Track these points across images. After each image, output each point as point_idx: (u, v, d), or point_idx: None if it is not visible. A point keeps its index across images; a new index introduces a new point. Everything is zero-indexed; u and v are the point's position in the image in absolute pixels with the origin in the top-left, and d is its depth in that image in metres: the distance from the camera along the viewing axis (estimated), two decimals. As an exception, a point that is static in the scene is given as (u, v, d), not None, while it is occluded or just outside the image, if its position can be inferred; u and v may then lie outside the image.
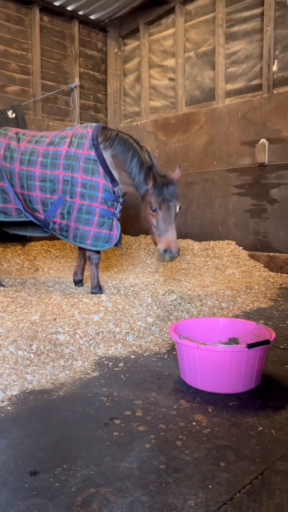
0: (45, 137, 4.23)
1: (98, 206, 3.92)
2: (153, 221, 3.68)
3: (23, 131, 4.45)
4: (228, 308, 3.96)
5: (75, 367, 2.58)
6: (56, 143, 4.10)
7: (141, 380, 2.44)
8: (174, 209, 3.65)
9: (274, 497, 1.47)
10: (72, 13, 7.11)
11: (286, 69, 5.59)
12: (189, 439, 1.83)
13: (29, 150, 4.13)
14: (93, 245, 3.99)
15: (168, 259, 3.58)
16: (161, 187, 3.61)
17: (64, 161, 3.99)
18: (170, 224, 3.61)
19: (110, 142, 3.90)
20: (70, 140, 4.06)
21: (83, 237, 3.99)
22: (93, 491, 1.49)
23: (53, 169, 4.03)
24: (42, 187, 4.05)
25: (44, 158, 4.06)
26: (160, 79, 7.21)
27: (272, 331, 2.44)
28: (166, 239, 3.60)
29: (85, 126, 4.13)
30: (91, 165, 3.92)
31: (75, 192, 3.96)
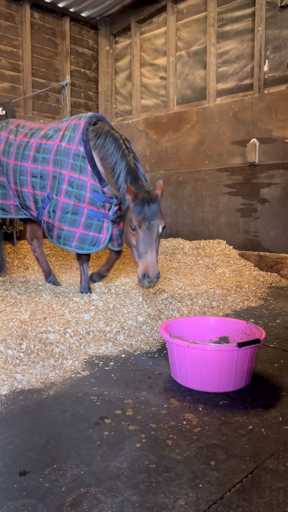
0: (41, 129, 4.04)
1: (86, 206, 3.69)
2: (132, 240, 3.26)
3: (25, 122, 4.29)
4: (218, 307, 3.97)
5: (65, 366, 2.56)
6: (49, 136, 3.91)
7: (132, 379, 2.44)
8: (155, 229, 3.21)
9: (264, 496, 1.47)
10: (63, 10, 7.06)
11: (277, 69, 5.62)
12: (180, 438, 1.83)
13: (24, 143, 3.98)
14: (78, 248, 3.77)
15: (147, 285, 3.14)
16: (142, 204, 3.18)
17: (55, 156, 3.79)
18: (150, 246, 3.18)
19: (100, 140, 3.59)
20: (63, 133, 3.83)
21: (68, 239, 3.76)
22: (83, 491, 1.49)
23: (44, 164, 3.84)
24: (33, 183, 3.89)
25: (37, 153, 3.89)
26: (152, 78, 7.20)
27: (262, 330, 2.45)
28: (145, 262, 3.17)
29: (79, 117, 3.86)
30: (80, 162, 3.67)
31: (60, 189, 3.73)
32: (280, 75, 5.59)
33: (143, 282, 3.14)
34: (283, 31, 5.51)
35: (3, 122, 4.30)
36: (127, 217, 3.31)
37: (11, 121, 4.34)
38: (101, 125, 3.67)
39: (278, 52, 5.58)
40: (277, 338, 3.18)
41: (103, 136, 3.57)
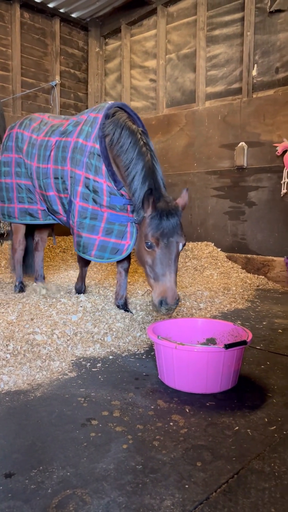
0: (62, 125, 3.68)
1: (105, 210, 3.27)
2: (147, 259, 2.79)
3: (48, 118, 3.93)
4: (206, 309, 3.99)
5: (52, 368, 2.55)
6: (68, 132, 3.53)
7: (119, 381, 2.44)
8: (175, 247, 2.74)
9: (250, 496, 1.48)
10: (53, 11, 7.05)
11: (265, 74, 5.68)
12: (166, 439, 1.83)
13: (44, 143, 3.66)
14: (98, 256, 3.32)
15: (164, 312, 2.66)
16: (160, 218, 2.73)
17: (72, 154, 3.42)
18: (169, 267, 2.71)
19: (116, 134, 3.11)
20: (81, 127, 3.42)
21: (87, 247, 3.34)
22: (69, 493, 1.48)
23: (63, 164, 3.49)
24: (57, 185, 3.56)
25: (56, 151, 3.54)
26: (141, 80, 7.22)
27: (249, 332, 2.47)
28: (162, 285, 2.69)
29: (98, 109, 3.39)
30: (95, 161, 3.25)
31: (76, 192, 3.36)
32: (268, 79, 5.65)
33: (160, 309, 2.67)
34: (271, 36, 5.58)
35: (26, 119, 4.02)
36: (141, 230, 2.89)
37: (34, 117, 4.01)
38: (118, 116, 3.20)
39: (267, 57, 5.64)
40: (263, 340, 3.21)
41: (119, 129, 3.11)
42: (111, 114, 3.23)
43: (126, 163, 3.05)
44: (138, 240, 2.99)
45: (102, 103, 3.43)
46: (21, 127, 3.97)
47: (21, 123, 4.03)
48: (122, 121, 3.13)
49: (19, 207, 3.97)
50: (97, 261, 3.37)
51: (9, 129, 4.11)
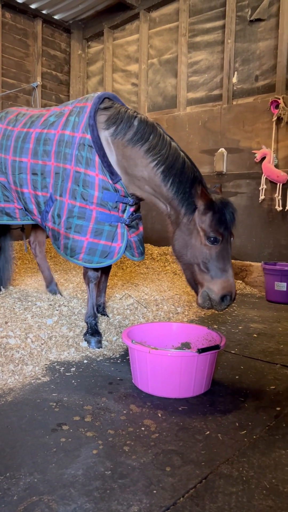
0: (43, 115, 3.39)
1: (94, 209, 2.96)
2: (206, 255, 2.65)
3: (26, 110, 3.69)
4: (183, 313, 4.01)
5: (25, 372, 2.52)
6: (50, 124, 3.23)
7: (93, 385, 2.42)
8: (231, 241, 2.77)
9: (217, 501, 1.49)
10: (36, 12, 7.01)
11: (245, 81, 5.75)
12: (137, 444, 1.83)
13: (22, 135, 3.35)
14: (86, 260, 2.98)
15: (224, 308, 2.67)
16: (223, 211, 2.65)
17: (57, 147, 3.12)
18: (229, 262, 2.69)
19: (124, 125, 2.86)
20: (66, 118, 3.14)
21: (74, 250, 3.00)
22: (35, 499, 1.46)
23: (45, 158, 3.17)
24: (34, 182, 3.24)
25: (37, 145, 3.23)
26: (123, 84, 7.23)
27: (222, 336, 2.49)
28: (226, 281, 2.63)
29: (86, 99, 3.15)
30: (85, 152, 2.94)
31: (65, 189, 3.04)
32: (248, 87, 5.73)
33: (221, 306, 2.65)
34: (251, 44, 5.66)
35: (3, 112, 3.76)
36: (191, 225, 2.71)
37: (10, 110, 3.76)
38: (118, 105, 3.00)
39: (247, 65, 5.72)
40: (238, 344, 3.24)
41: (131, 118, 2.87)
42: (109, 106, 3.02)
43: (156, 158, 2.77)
44: (185, 236, 2.75)
45: (90, 94, 3.20)
46: None
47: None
48: (132, 113, 2.92)
49: None
50: (86, 265, 3.01)
51: None
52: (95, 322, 3.10)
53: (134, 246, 3.30)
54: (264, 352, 3.08)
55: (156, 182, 2.81)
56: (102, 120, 2.94)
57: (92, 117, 2.93)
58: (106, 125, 2.91)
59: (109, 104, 3.01)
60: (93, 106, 2.97)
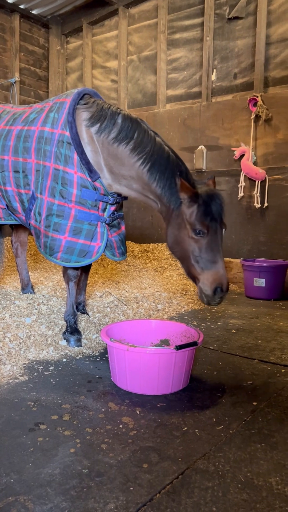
0: (25, 112, 3.34)
1: (73, 207, 2.91)
2: (195, 248, 2.65)
3: (10, 107, 3.59)
4: (163, 310, 4.03)
5: (3, 372, 2.50)
6: (31, 120, 3.18)
7: (71, 384, 2.42)
8: (221, 232, 2.71)
9: (193, 496, 1.51)
10: (13, 6, 6.90)
11: (224, 79, 5.79)
12: (115, 442, 1.84)
13: (4, 132, 3.30)
14: (64, 260, 2.95)
15: (217, 301, 2.63)
16: (209, 203, 2.62)
17: (37, 144, 3.06)
18: (219, 253, 2.65)
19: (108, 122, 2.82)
20: (46, 114, 3.09)
21: (53, 248, 2.96)
22: (11, 500, 1.46)
23: (25, 155, 3.12)
24: (16, 180, 3.19)
25: (17, 142, 3.18)
26: (103, 80, 7.19)
27: (200, 332, 2.51)
28: (216, 273, 2.60)
29: (65, 95, 3.09)
30: (64, 149, 2.90)
31: (45, 186, 3.00)
32: (227, 85, 5.77)
33: (214, 299, 2.61)
34: (230, 42, 5.69)
35: None
36: (179, 219, 2.72)
37: None
38: (100, 102, 2.95)
39: (226, 62, 5.76)
40: (217, 340, 3.27)
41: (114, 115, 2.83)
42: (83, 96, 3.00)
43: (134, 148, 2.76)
44: (174, 230, 2.78)
45: (70, 90, 3.16)
46: None
47: None
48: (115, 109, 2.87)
49: None
50: (64, 264, 2.97)
51: None
52: (74, 321, 3.09)
53: (115, 245, 3.25)
54: (242, 347, 3.12)
55: (145, 180, 2.80)
56: (85, 117, 2.89)
57: (71, 113, 2.88)
58: (90, 123, 2.86)
59: (90, 100, 2.96)
60: (72, 102, 2.92)
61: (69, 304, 3.14)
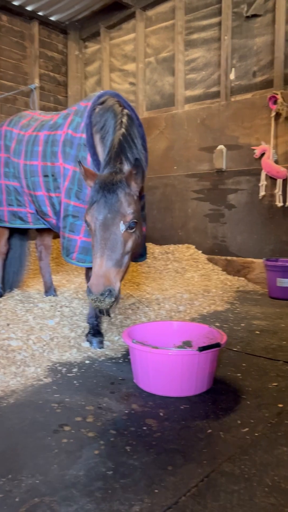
0: (53, 118, 3.42)
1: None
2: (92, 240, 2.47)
3: (39, 115, 3.71)
4: (185, 311, 4.00)
5: (27, 374, 2.52)
6: (58, 125, 3.25)
7: (94, 386, 2.42)
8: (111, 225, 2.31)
9: (219, 499, 1.49)
10: (32, 14, 7.01)
11: (243, 77, 5.74)
12: (139, 444, 1.83)
13: (32, 138, 3.39)
14: (79, 260, 2.95)
15: (93, 304, 2.25)
16: (96, 191, 2.38)
17: (62, 147, 3.13)
18: (99, 248, 2.30)
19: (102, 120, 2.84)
20: (72, 118, 3.15)
21: (69, 249, 2.99)
22: (37, 501, 1.46)
23: (54, 159, 3.18)
24: (46, 184, 3.24)
25: (45, 146, 3.25)
26: (121, 83, 7.22)
27: (223, 334, 2.48)
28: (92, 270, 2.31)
29: (89, 98, 3.10)
30: (81, 152, 2.97)
31: (62, 188, 3.08)
32: (246, 83, 5.71)
33: (89, 299, 2.25)
34: (248, 40, 5.64)
35: (16, 116, 3.81)
36: None
37: (24, 114, 3.81)
38: (108, 102, 2.92)
39: (244, 61, 5.70)
40: (240, 342, 3.23)
41: (105, 114, 2.84)
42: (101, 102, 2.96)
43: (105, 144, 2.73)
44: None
45: (95, 92, 3.16)
46: (10, 125, 3.76)
47: (10, 120, 3.83)
48: (110, 105, 2.87)
49: (9, 210, 3.72)
50: (79, 265, 3.00)
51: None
52: (96, 323, 3.10)
53: None
54: (266, 349, 3.08)
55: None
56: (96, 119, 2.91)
57: (89, 116, 2.92)
58: (95, 123, 2.89)
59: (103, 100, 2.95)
60: (91, 105, 2.95)
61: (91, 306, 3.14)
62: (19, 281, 4.34)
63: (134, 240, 2.42)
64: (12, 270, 4.24)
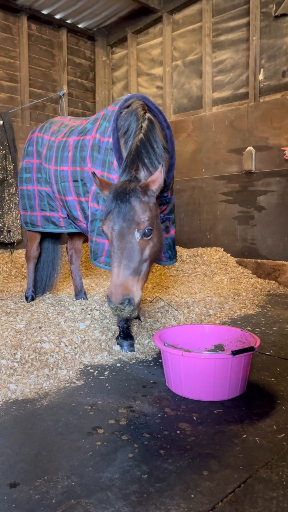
0: (82, 124, 3.45)
1: None
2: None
3: (69, 120, 3.74)
4: (215, 315, 3.96)
5: (60, 376, 2.55)
6: (87, 130, 3.27)
7: (126, 389, 2.42)
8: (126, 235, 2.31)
9: (257, 506, 1.46)
10: (60, 22, 7.13)
11: (272, 78, 5.66)
12: (173, 448, 1.81)
13: (62, 144, 3.42)
14: (107, 264, 2.95)
15: (113, 312, 2.26)
16: (110, 200, 2.37)
17: (91, 151, 3.14)
18: (116, 258, 2.30)
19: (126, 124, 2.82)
20: (100, 122, 3.15)
21: (96, 252, 3.01)
22: (73, 503, 1.47)
23: (82, 164, 3.18)
24: (76, 189, 3.26)
25: (74, 151, 3.27)
26: (148, 87, 7.25)
27: (257, 337, 2.43)
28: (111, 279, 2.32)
29: (117, 102, 3.09)
30: (108, 156, 2.97)
31: (89, 192, 3.10)
32: (275, 83, 5.63)
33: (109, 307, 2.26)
34: (277, 40, 5.56)
35: (47, 123, 3.88)
36: None
37: (55, 120, 3.87)
38: (133, 105, 2.87)
39: (273, 61, 5.63)
40: (273, 346, 3.17)
41: (129, 118, 2.81)
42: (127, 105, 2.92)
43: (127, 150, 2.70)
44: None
45: (122, 96, 3.14)
46: (41, 131, 3.83)
47: (41, 126, 3.90)
48: (134, 108, 2.82)
49: (42, 215, 3.79)
50: (106, 268, 2.96)
51: (30, 133, 4.00)
52: (127, 326, 3.11)
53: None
54: (300, 353, 3.00)
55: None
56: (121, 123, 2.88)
57: (115, 120, 2.90)
58: (120, 126, 2.86)
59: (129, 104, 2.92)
60: (118, 109, 2.95)
61: None
62: (52, 285, 4.41)
63: (151, 247, 2.39)
64: (45, 273, 4.32)
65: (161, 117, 3.00)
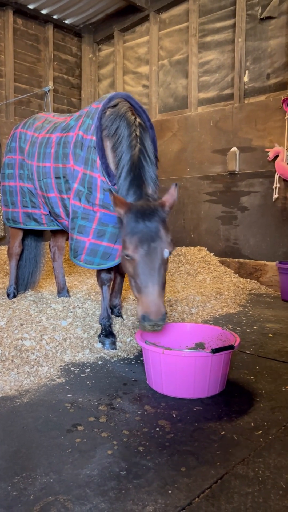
0: (66, 120, 3.44)
1: (98, 210, 2.94)
2: (129, 268, 2.43)
3: (53, 117, 3.75)
4: (197, 314, 3.99)
5: (41, 374, 2.54)
6: (70, 127, 3.26)
7: (107, 386, 2.43)
8: (158, 254, 2.36)
9: (233, 501, 1.48)
10: (47, 17, 7.08)
11: (256, 80, 5.72)
12: (152, 445, 1.83)
13: (45, 140, 3.42)
14: (87, 262, 2.99)
15: (149, 328, 2.28)
16: (136, 220, 2.38)
17: (73, 148, 3.12)
18: (152, 278, 2.33)
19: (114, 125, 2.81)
20: (83, 120, 3.14)
21: (77, 250, 3.03)
22: (51, 499, 1.47)
23: (65, 161, 3.19)
24: (58, 185, 3.25)
25: (57, 148, 3.27)
26: (134, 86, 7.25)
27: (236, 336, 2.47)
28: (145, 299, 2.31)
29: (101, 100, 3.07)
30: (91, 154, 2.96)
31: (71, 189, 3.11)
32: (259, 85, 5.69)
33: (144, 325, 2.29)
34: (262, 42, 5.62)
35: (31, 119, 3.85)
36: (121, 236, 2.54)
37: (39, 116, 3.85)
38: (119, 106, 2.88)
39: (258, 63, 5.68)
40: (253, 345, 3.21)
41: (117, 121, 2.80)
42: (113, 105, 2.92)
43: (118, 156, 2.73)
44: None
45: (107, 94, 3.10)
46: (24, 127, 3.80)
47: (25, 122, 3.86)
48: (123, 111, 2.83)
49: (23, 212, 3.77)
50: (87, 266, 3.01)
51: (14, 129, 3.95)
52: (109, 324, 3.12)
53: None
54: (279, 352, 3.05)
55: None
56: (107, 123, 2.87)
57: (99, 118, 2.90)
58: (107, 130, 2.86)
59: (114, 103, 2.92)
60: (102, 107, 2.93)
61: (103, 307, 3.18)
62: (34, 282, 4.39)
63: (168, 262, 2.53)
64: (27, 270, 4.29)
65: (145, 116, 3.01)
